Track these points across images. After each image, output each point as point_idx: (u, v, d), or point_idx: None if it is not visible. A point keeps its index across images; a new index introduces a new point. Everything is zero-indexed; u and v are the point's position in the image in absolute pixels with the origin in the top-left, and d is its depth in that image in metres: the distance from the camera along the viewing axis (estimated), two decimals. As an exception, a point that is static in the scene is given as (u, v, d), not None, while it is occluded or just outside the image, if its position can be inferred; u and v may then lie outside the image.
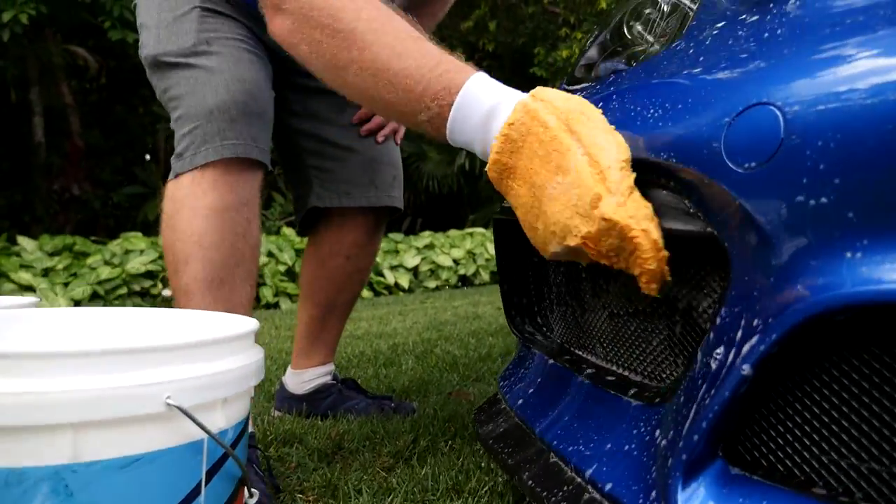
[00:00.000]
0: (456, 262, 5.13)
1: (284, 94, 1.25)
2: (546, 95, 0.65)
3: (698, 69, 0.62)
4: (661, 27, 0.89)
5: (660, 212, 0.59)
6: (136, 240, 4.12)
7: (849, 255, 0.46)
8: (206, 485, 0.58)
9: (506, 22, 8.43)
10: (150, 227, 6.45)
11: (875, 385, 0.48)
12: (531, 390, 0.89)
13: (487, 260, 5.41)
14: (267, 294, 4.08)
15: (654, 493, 0.57)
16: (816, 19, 0.55)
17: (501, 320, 2.89)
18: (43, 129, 8.09)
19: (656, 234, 0.57)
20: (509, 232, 0.98)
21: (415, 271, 4.99)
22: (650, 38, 0.92)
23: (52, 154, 8.15)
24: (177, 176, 1.04)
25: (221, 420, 0.59)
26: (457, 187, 8.78)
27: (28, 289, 3.46)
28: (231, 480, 0.63)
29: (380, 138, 1.32)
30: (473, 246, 5.37)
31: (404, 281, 4.70)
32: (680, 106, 0.59)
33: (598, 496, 0.63)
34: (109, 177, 9.31)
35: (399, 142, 1.38)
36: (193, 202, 1.01)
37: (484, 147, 0.69)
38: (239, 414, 0.63)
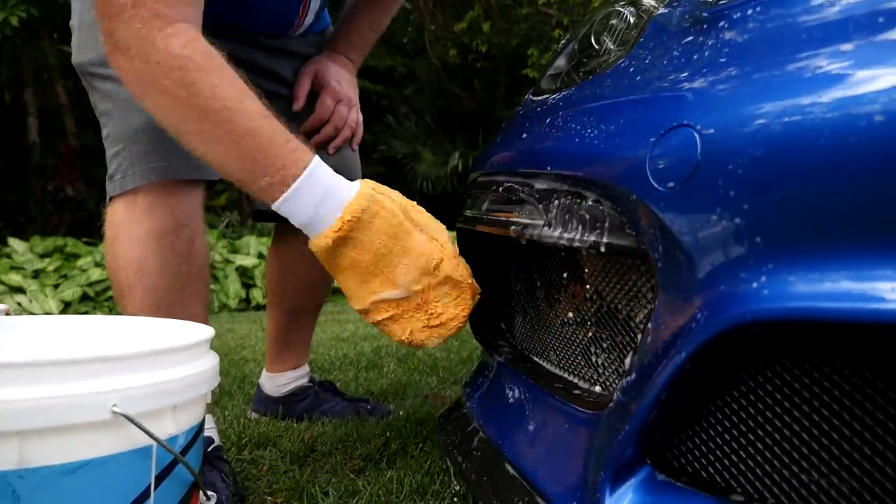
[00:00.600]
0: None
1: None
2: (383, 189, 0.83)
3: (634, 88, 0.64)
4: (622, 40, 0.91)
5: (601, 226, 0.62)
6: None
7: (760, 273, 0.48)
8: (155, 489, 0.60)
9: (500, 23, 8.46)
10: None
11: (788, 396, 0.50)
12: (490, 397, 0.91)
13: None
14: (257, 296, 4.10)
15: (586, 498, 0.59)
16: (741, 42, 0.57)
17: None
18: (38, 130, 8.10)
19: (476, 287, 0.86)
20: (473, 241, 1.00)
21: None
22: (614, 51, 0.94)
23: (47, 154, 8.17)
24: (111, 199, 1.01)
25: (171, 426, 0.61)
26: (451, 188, 8.80)
27: (18, 290, 3.48)
28: (183, 485, 0.65)
29: (331, 150, 1.24)
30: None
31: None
32: (613, 125, 0.61)
33: None
34: (103, 177, 9.33)
35: (355, 147, 1.31)
36: (129, 229, 0.98)
37: (311, 220, 0.80)
38: (191, 420, 0.65)
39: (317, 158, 0.81)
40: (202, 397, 0.67)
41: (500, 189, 0.81)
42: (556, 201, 0.67)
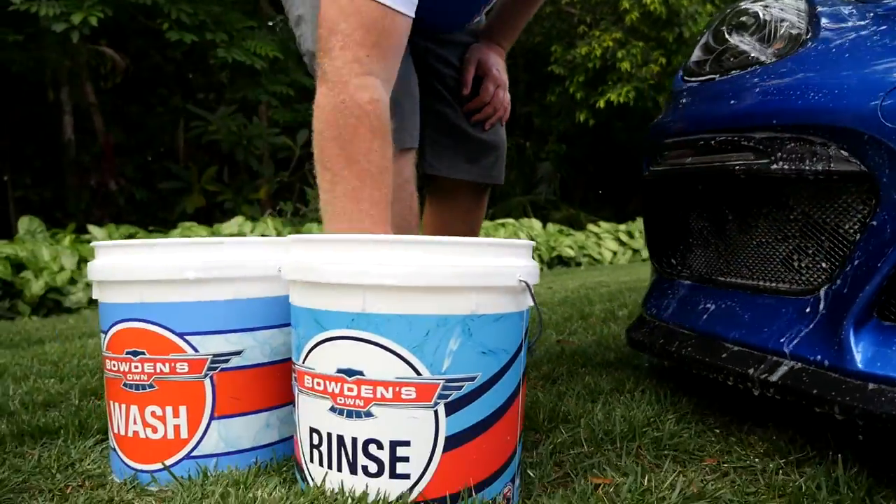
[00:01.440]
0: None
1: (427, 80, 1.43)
2: None
3: (848, 60, 0.91)
4: (764, 35, 1.18)
5: (826, 159, 0.88)
6: (197, 228, 4.38)
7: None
8: (525, 341, 0.86)
9: (520, 21, 8.70)
10: (191, 220, 6.68)
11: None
12: (687, 307, 1.17)
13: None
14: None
15: (829, 346, 0.86)
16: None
17: (558, 296, 3.18)
18: (72, 128, 8.33)
19: None
20: (657, 191, 1.26)
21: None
22: (756, 45, 1.21)
23: (82, 152, 8.40)
24: None
25: (529, 300, 0.88)
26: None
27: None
28: (525, 346, 0.91)
29: (487, 126, 1.49)
30: (507, 235, 5.66)
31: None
32: (838, 85, 0.88)
33: (779, 359, 0.92)
34: (132, 173, 9.56)
35: (503, 123, 1.55)
36: None
37: None
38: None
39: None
40: (529, 287, 0.93)
41: (712, 143, 1.07)
42: (781, 145, 0.94)
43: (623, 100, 7.46)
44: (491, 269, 0.79)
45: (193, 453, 0.95)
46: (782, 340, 0.93)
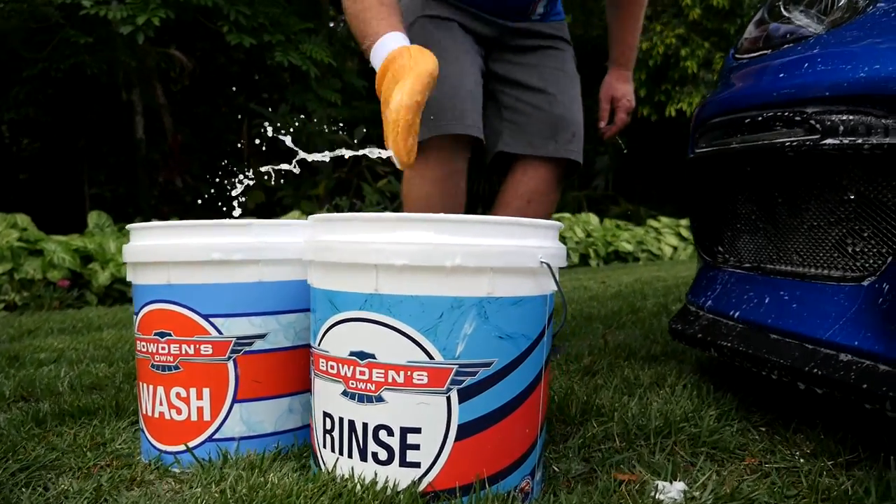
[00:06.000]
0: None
1: (491, 66, 1.54)
2: (406, 53, 1.09)
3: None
4: (823, 7, 1.09)
5: (885, 131, 0.80)
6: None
7: None
8: (547, 327, 0.82)
9: (578, 14, 8.57)
10: (252, 216, 6.84)
11: None
12: (732, 296, 1.10)
13: (577, 242, 5.59)
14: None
15: (882, 337, 0.78)
16: None
17: (611, 291, 3.09)
18: (143, 127, 8.67)
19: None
20: (703, 174, 1.20)
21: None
22: (812, 17, 1.12)
23: (152, 150, 8.73)
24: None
25: (552, 284, 0.83)
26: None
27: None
28: (550, 332, 0.87)
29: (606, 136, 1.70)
30: (563, 231, 5.55)
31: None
32: (898, 53, 0.80)
33: (830, 351, 0.84)
34: (198, 171, 9.88)
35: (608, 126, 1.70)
36: (421, 173, 1.39)
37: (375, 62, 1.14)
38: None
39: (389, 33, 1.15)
40: (555, 271, 0.89)
41: (759, 120, 1.00)
42: (835, 118, 0.86)
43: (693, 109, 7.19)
44: (509, 248, 0.75)
45: (216, 436, 0.95)
46: (832, 331, 0.86)
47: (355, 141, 7.56)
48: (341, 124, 7.56)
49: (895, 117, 0.80)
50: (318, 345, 0.82)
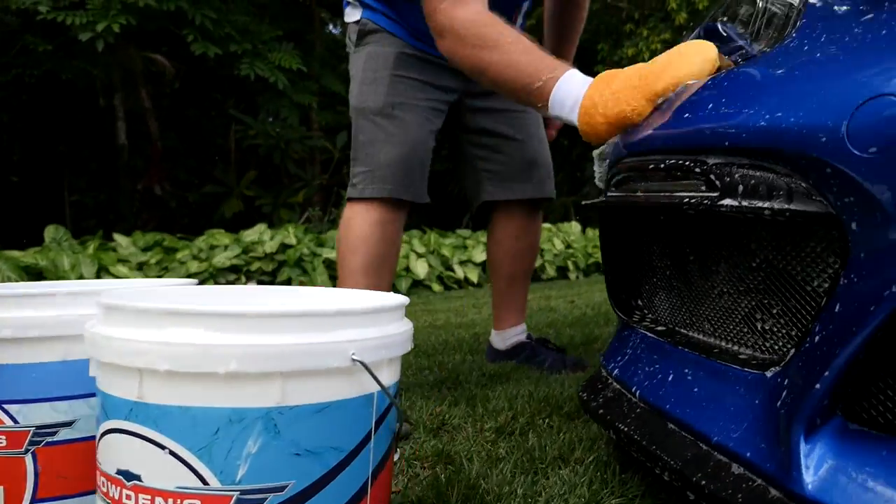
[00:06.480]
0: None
1: (461, 118, 1.67)
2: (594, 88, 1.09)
3: (819, 63, 0.67)
4: (757, 27, 0.94)
5: (786, 194, 0.65)
6: (220, 235, 4.33)
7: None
8: (374, 433, 0.67)
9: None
10: (229, 225, 6.71)
11: None
12: (639, 366, 0.95)
13: (555, 255, 5.44)
14: (342, 288, 4.24)
15: (776, 450, 0.63)
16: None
17: (576, 313, 2.94)
18: (126, 133, 8.54)
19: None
20: (615, 221, 1.05)
21: (484, 266, 5.07)
22: (746, 37, 0.98)
23: (135, 156, 8.60)
24: (350, 200, 1.52)
25: (387, 377, 0.68)
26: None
27: (126, 281, 3.71)
28: (389, 434, 0.72)
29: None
30: (542, 241, 5.40)
31: (473, 276, 4.79)
32: (800, 100, 0.65)
33: (723, 458, 0.69)
34: (185, 177, 9.74)
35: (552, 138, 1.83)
36: (363, 216, 1.50)
37: (575, 102, 1.09)
38: (396, 374, 0.73)
39: (569, 70, 1.13)
40: (401, 356, 0.74)
41: (663, 167, 0.85)
42: (735, 174, 0.71)
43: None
44: (305, 347, 0.60)
45: (10, 544, 0.80)
46: (727, 432, 0.71)
47: (338, 147, 7.42)
48: (322, 130, 7.42)
49: (801, 178, 0.65)
50: (97, 454, 0.67)
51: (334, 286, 4.37)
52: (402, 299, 0.74)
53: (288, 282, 4.11)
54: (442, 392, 1.58)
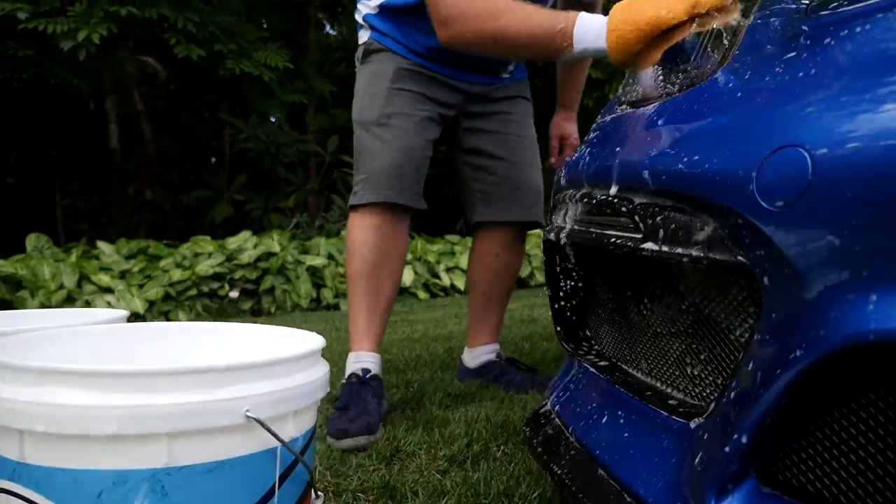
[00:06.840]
0: (512, 263, 5.14)
1: (456, 136, 1.71)
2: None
3: (736, 105, 0.65)
4: (701, 55, 0.92)
5: (703, 241, 0.63)
6: (205, 243, 4.30)
7: (872, 293, 0.48)
8: (279, 487, 0.65)
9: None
10: (218, 229, 6.68)
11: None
12: (579, 402, 0.93)
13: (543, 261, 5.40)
14: (327, 295, 4.21)
15: (690, 508, 0.61)
16: (848, 60, 0.57)
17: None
18: (118, 136, 8.50)
19: None
20: (559, 252, 1.02)
21: (471, 273, 5.04)
22: (676, 71, 0.95)
23: (127, 160, 8.56)
24: (351, 208, 1.57)
25: (293, 429, 0.66)
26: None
27: (107, 290, 3.68)
28: (300, 484, 0.69)
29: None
30: (528, 248, 5.38)
31: (460, 283, 4.76)
32: (717, 144, 0.62)
33: (638, 508, 0.67)
34: (178, 180, 9.69)
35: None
36: (363, 220, 1.55)
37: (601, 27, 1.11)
38: (308, 423, 0.70)
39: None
40: (316, 403, 0.72)
41: (595, 201, 0.82)
42: (657, 216, 0.69)
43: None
44: (194, 406, 0.58)
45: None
46: (649, 487, 0.68)
47: (329, 151, 7.39)
48: (313, 133, 7.37)
49: (719, 226, 0.62)
50: (-11, 509, 0.65)
51: (318, 294, 4.32)
52: (314, 345, 0.71)
53: (271, 290, 4.08)
54: (405, 413, 1.55)
